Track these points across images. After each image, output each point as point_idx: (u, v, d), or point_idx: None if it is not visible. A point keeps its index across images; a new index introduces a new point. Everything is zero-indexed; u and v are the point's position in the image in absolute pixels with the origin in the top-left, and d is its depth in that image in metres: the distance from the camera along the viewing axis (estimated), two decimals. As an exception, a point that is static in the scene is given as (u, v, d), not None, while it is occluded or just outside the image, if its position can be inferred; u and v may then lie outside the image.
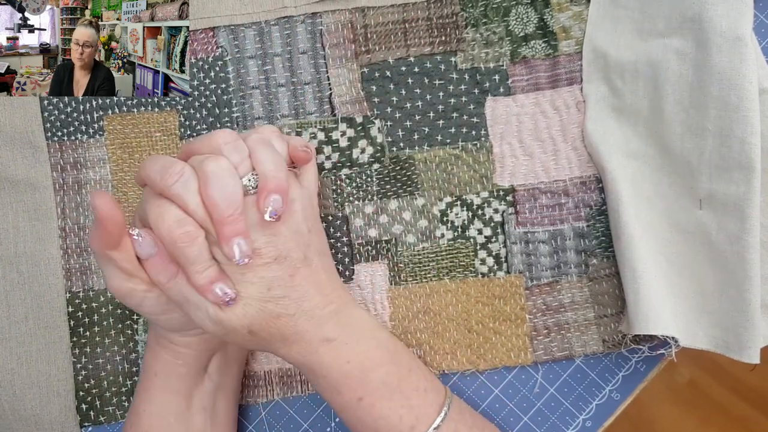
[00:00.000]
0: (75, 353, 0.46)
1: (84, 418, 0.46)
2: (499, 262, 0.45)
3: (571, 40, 0.45)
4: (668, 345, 0.40)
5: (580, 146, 0.45)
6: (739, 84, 0.38)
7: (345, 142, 0.46)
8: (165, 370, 0.40)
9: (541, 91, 0.45)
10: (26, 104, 0.46)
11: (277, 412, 0.46)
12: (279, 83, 0.46)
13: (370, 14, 0.46)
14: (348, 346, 0.38)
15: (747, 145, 0.39)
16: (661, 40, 0.42)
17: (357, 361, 0.38)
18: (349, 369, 0.37)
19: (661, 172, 0.42)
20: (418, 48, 0.46)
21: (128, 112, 0.47)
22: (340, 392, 0.37)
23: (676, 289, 0.42)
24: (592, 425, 0.45)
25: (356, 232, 0.46)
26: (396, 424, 0.37)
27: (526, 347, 0.45)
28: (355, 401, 0.37)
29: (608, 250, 0.44)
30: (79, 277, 0.46)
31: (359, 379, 0.37)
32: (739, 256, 0.39)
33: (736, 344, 0.39)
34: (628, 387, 0.45)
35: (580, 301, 0.45)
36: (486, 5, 0.45)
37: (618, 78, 0.44)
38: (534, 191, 0.45)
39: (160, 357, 0.40)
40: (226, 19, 0.46)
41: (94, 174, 0.46)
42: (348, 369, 0.37)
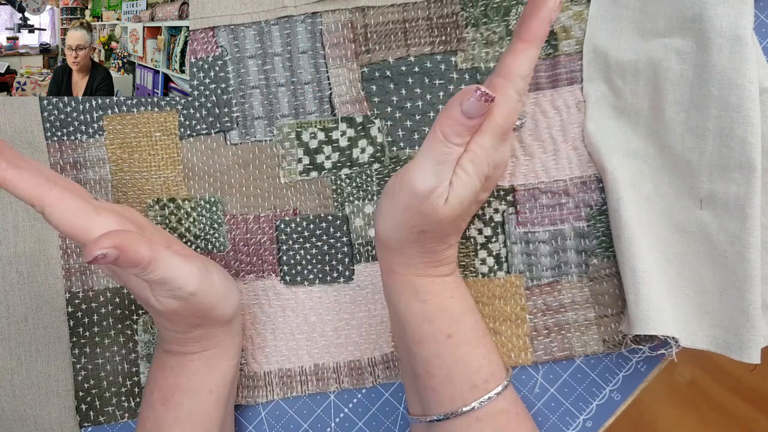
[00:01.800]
0: (75, 353, 0.46)
1: (84, 418, 0.46)
2: (499, 262, 0.45)
3: (572, 40, 0.45)
4: (668, 345, 0.40)
5: (580, 146, 0.45)
6: (739, 84, 0.38)
7: (345, 142, 0.46)
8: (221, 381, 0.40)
9: (542, 91, 0.45)
10: (26, 104, 0.46)
11: (277, 412, 0.46)
12: (279, 83, 0.46)
13: (370, 14, 0.46)
14: (455, 282, 0.39)
15: (747, 145, 0.39)
16: (662, 39, 0.42)
17: (458, 298, 0.39)
18: (449, 303, 0.38)
19: (662, 172, 0.42)
20: (418, 48, 0.46)
21: (128, 112, 0.47)
22: (432, 322, 0.38)
23: (677, 289, 0.42)
24: (592, 425, 0.45)
25: (356, 232, 0.46)
26: (473, 371, 0.38)
27: (526, 347, 0.45)
28: (444, 336, 0.38)
29: (608, 250, 0.44)
30: (79, 277, 0.46)
31: (455, 316, 0.38)
32: (739, 255, 0.39)
33: (737, 344, 0.39)
34: (628, 387, 0.45)
35: (580, 301, 0.45)
36: (486, 5, 0.45)
37: (618, 78, 0.44)
38: (534, 191, 0.45)
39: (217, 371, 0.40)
40: (226, 19, 0.46)
41: (94, 174, 0.46)
42: (449, 303, 0.38)
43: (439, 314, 0.38)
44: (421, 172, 0.35)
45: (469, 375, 0.37)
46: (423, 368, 0.38)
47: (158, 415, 0.39)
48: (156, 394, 0.39)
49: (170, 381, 0.39)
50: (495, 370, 0.38)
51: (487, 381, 0.38)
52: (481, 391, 0.37)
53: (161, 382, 0.40)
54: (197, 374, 0.39)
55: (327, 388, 0.45)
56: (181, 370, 0.39)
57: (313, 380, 0.45)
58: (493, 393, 0.37)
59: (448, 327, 0.38)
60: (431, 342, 0.38)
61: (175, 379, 0.39)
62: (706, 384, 0.95)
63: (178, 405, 0.39)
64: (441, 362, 0.38)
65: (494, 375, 0.38)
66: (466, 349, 0.38)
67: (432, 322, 0.38)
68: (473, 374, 0.37)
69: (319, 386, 0.45)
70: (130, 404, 0.45)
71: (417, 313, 0.38)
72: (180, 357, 0.39)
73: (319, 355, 0.46)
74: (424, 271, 0.39)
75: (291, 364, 0.46)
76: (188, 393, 0.39)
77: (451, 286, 0.39)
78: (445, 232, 0.37)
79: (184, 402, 0.39)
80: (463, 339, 0.38)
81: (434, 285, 0.39)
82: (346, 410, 0.46)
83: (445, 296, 0.39)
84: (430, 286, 0.38)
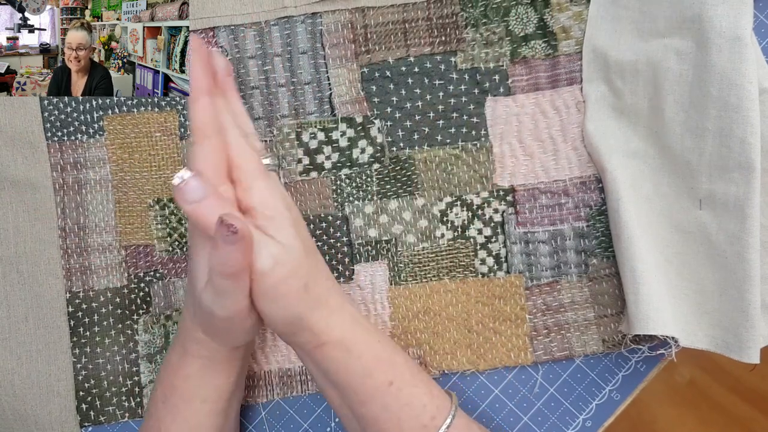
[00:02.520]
0: (75, 353, 0.46)
1: (84, 418, 0.46)
2: (499, 262, 0.45)
3: (571, 40, 0.45)
4: (668, 345, 0.40)
5: (580, 146, 0.45)
6: (739, 84, 0.38)
7: (345, 142, 0.46)
8: (215, 394, 0.39)
9: (541, 91, 0.45)
10: (26, 104, 0.46)
11: (277, 412, 0.46)
12: (279, 83, 0.46)
13: (370, 14, 0.46)
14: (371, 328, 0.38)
15: (747, 145, 0.39)
16: (661, 40, 0.42)
17: (384, 342, 0.38)
18: (379, 349, 0.37)
19: (661, 172, 0.42)
20: (418, 48, 0.46)
21: (128, 112, 0.47)
22: (372, 375, 0.36)
23: (676, 289, 0.42)
24: (592, 425, 0.45)
25: (356, 232, 0.46)
26: (419, 413, 0.36)
27: (526, 347, 0.45)
28: (385, 385, 0.36)
29: (608, 250, 0.44)
30: (79, 277, 0.46)
31: (389, 361, 0.37)
32: (739, 256, 0.39)
33: (736, 344, 0.39)
34: (628, 387, 0.45)
35: (580, 301, 0.45)
36: (486, 5, 0.45)
37: (618, 78, 0.44)
38: (534, 191, 0.45)
39: (209, 383, 0.39)
40: (226, 19, 0.46)
41: (94, 174, 0.46)
42: (379, 349, 0.37)
43: (374, 364, 0.36)
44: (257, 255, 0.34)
45: (418, 417, 0.36)
46: (374, 427, 0.37)
47: (159, 414, 0.39)
48: (159, 390, 0.40)
49: (170, 380, 0.39)
50: (439, 403, 0.37)
51: (434, 417, 0.37)
52: (431, 429, 0.36)
53: (164, 379, 0.40)
54: (191, 379, 0.39)
55: (327, 388, 0.45)
56: (178, 371, 0.39)
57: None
58: (443, 428, 0.36)
59: (386, 374, 0.37)
60: (376, 397, 0.36)
61: (174, 380, 0.39)
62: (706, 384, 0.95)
63: (175, 407, 0.39)
64: (390, 414, 0.36)
65: (439, 408, 0.37)
66: (408, 391, 0.37)
67: (372, 375, 0.36)
68: (421, 415, 0.36)
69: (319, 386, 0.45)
70: (131, 404, 0.45)
71: (357, 371, 0.36)
72: (181, 357, 0.39)
73: (319, 355, 0.46)
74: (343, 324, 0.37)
75: (291, 364, 0.46)
76: (183, 397, 0.39)
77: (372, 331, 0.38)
78: None
79: (180, 405, 0.39)
80: (404, 381, 0.37)
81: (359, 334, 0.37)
82: (346, 410, 0.46)
83: (372, 344, 0.37)
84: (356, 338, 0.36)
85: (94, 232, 0.46)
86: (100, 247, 0.46)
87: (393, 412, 0.36)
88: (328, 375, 0.37)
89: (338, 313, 0.37)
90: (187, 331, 0.38)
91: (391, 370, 0.37)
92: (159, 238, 0.46)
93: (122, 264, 0.46)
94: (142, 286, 0.46)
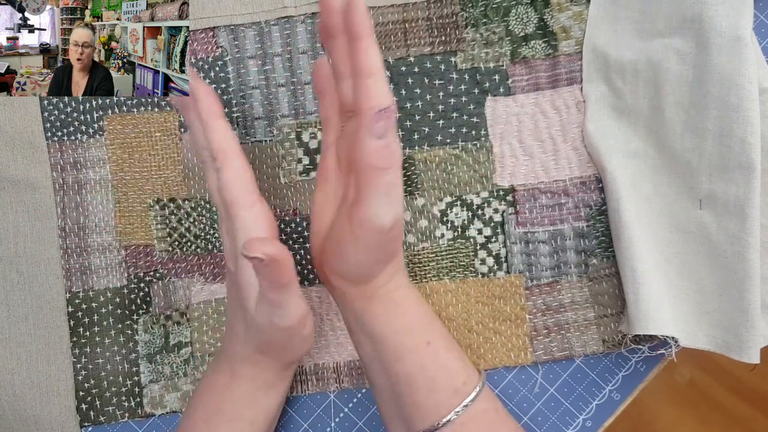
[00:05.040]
0: (75, 353, 0.46)
1: (84, 418, 0.46)
2: (499, 262, 0.45)
3: (571, 40, 0.45)
4: (668, 345, 0.40)
5: (580, 146, 0.45)
6: (739, 84, 0.38)
7: (345, 142, 0.46)
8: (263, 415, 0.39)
9: (541, 91, 0.45)
10: (26, 104, 0.46)
11: (277, 412, 0.46)
12: (279, 83, 0.46)
13: (370, 14, 0.46)
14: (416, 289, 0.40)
15: (747, 145, 0.39)
16: (661, 40, 0.42)
17: (426, 305, 0.39)
18: (423, 310, 0.39)
19: (661, 172, 0.42)
20: (418, 48, 0.46)
21: (128, 112, 0.47)
22: (413, 332, 0.37)
23: (676, 289, 0.42)
24: (592, 425, 0.45)
25: (356, 232, 0.46)
26: (452, 376, 0.37)
27: (526, 347, 0.45)
28: (424, 344, 0.37)
29: (608, 250, 0.44)
30: (79, 277, 0.46)
31: (429, 322, 0.38)
32: (739, 256, 0.39)
33: (736, 344, 0.39)
34: (628, 387, 0.45)
35: (580, 301, 0.45)
36: (486, 5, 0.45)
37: (618, 78, 0.44)
38: (534, 191, 0.45)
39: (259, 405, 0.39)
40: (226, 19, 0.46)
41: (94, 174, 0.46)
42: (423, 310, 0.38)
43: (417, 323, 0.38)
44: (377, 210, 0.32)
45: (451, 380, 0.37)
46: (406, 385, 0.37)
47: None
48: (200, 411, 0.39)
49: (215, 403, 0.39)
50: (470, 371, 0.38)
51: (465, 384, 0.37)
52: (462, 395, 0.37)
53: (207, 400, 0.39)
54: (239, 402, 0.38)
55: (327, 388, 0.45)
56: (224, 393, 0.38)
57: (313, 380, 0.45)
58: (473, 395, 0.37)
59: (426, 334, 0.38)
60: (413, 354, 0.37)
61: (220, 403, 0.38)
62: (706, 384, 0.95)
63: (216, 429, 0.38)
64: (425, 373, 0.37)
65: (470, 377, 0.38)
66: (445, 355, 0.38)
67: (413, 333, 0.37)
68: (454, 378, 0.37)
69: (319, 386, 0.45)
70: (131, 404, 0.45)
71: (398, 328, 0.37)
72: (231, 380, 0.39)
73: (319, 355, 0.46)
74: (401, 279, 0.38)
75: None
76: (230, 420, 0.38)
77: (417, 293, 0.40)
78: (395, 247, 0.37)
79: (224, 426, 0.38)
80: (440, 344, 0.38)
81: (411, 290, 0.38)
82: (346, 410, 0.46)
83: (419, 302, 0.39)
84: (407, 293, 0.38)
85: (94, 232, 0.46)
86: (100, 247, 0.46)
87: (428, 371, 0.37)
88: (370, 326, 0.37)
89: (402, 268, 0.39)
90: (236, 355, 0.38)
91: (430, 332, 0.38)
92: (159, 238, 0.46)
93: (122, 264, 0.46)
94: (141, 286, 0.46)
